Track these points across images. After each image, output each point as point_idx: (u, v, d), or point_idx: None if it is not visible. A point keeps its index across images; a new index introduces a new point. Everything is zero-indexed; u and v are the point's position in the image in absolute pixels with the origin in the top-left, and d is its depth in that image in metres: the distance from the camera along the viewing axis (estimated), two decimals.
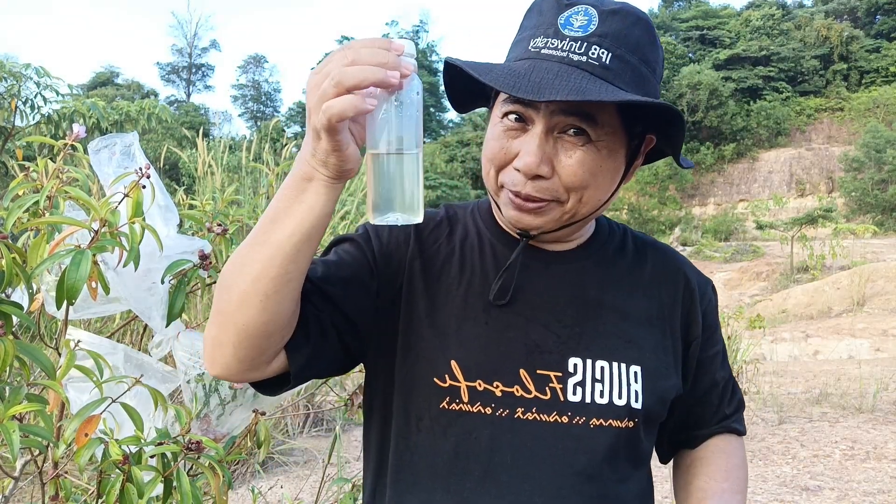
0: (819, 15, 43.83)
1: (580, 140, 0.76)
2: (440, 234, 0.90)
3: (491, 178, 0.81)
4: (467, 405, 0.80)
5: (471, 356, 0.81)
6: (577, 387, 0.81)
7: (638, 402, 0.82)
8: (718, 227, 29.47)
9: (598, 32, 0.74)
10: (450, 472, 0.81)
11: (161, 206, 1.18)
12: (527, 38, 0.78)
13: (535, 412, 0.80)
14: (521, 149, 0.77)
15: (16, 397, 0.94)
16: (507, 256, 0.86)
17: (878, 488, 3.64)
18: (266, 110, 62.39)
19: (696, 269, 0.97)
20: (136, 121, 5.25)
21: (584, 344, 0.83)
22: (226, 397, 1.23)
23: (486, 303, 0.84)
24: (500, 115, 0.79)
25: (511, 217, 0.81)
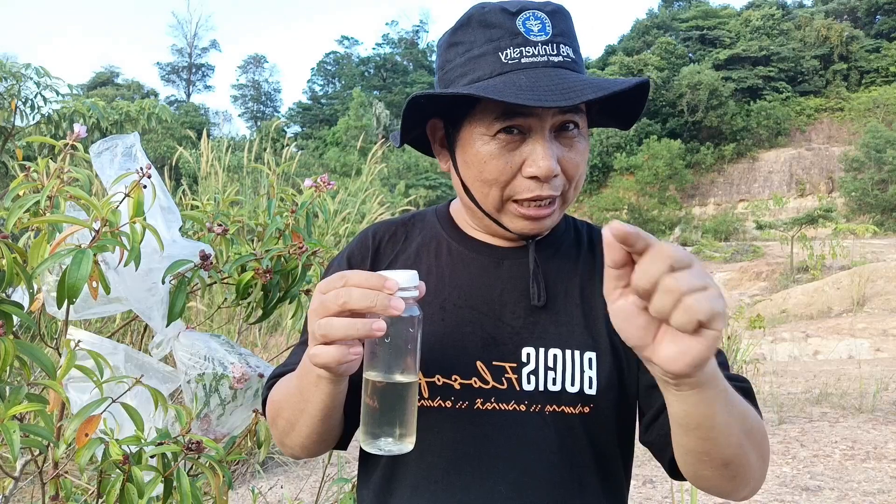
0: (819, 15, 43.81)
1: (574, 134, 0.81)
2: (395, 241, 0.94)
3: (493, 197, 0.82)
4: (428, 400, 0.83)
5: (428, 352, 0.82)
6: (531, 375, 0.83)
7: (592, 388, 0.82)
8: (718, 227, 29.47)
9: (555, 32, 0.79)
10: (417, 468, 0.84)
11: (163, 206, 1.18)
12: (492, 52, 0.79)
13: (494, 402, 0.82)
14: (527, 157, 0.79)
15: (16, 397, 0.94)
16: (466, 258, 0.89)
17: (878, 488, 3.64)
18: (266, 110, 62.42)
19: None
20: (136, 121, 5.24)
21: (537, 333, 0.84)
22: (226, 397, 1.23)
23: (442, 302, 0.87)
24: (489, 135, 0.79)
25: (523, 227, 0.83)
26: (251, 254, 1.30)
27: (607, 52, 48.66)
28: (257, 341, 4.54)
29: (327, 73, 61.14)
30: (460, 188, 0.87)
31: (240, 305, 1.33)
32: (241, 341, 4.12)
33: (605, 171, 36.20)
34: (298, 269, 1.31)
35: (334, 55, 62.08)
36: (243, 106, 62.61)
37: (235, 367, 1.23)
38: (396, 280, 0.65)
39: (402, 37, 63.02)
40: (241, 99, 62.65)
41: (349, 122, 37.31)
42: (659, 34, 45.77)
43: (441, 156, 0.91)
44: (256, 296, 1.31)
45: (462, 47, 0.81)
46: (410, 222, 0.97)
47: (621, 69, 38.00)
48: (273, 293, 1.32)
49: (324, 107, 56.98)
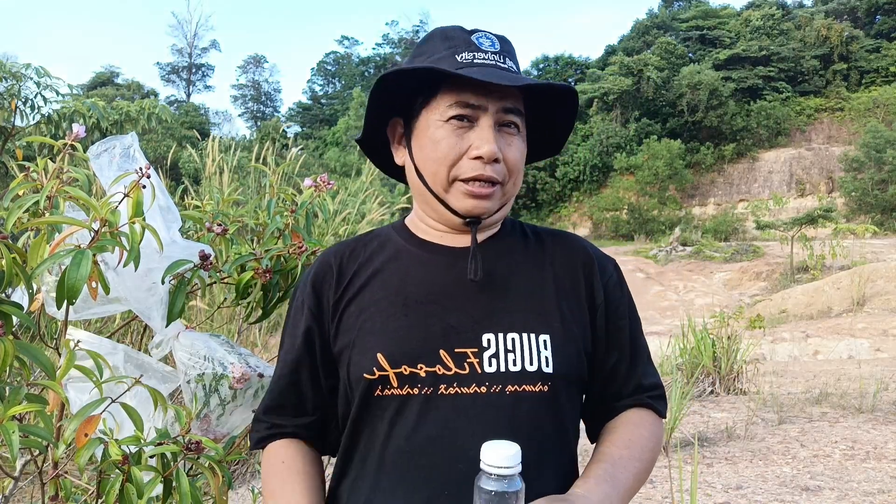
0: (819, 15, 43.77)
1: (514, 131, 0.94)
2: (356, 257, 1.02)
3: (441, 176, 0.94)
4: (397, 389, 0.90)
5: (394, 346, 0.91)
6: (492, 359, 0.90)
7: (549, 366, 0.90)
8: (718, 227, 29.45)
9: (502, 50, 0.95)
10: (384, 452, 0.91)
11: (162, 207, 1.18)
12: (449, 55, 0.93)
13: (456, 386, 0.89)
14: (474, 141, 0.91)
15: (15, 397, 0.94)
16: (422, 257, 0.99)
17: (878, 488, 3.64)
18: (266, 110, 62.38)
19: (598, 249, 1.07)
20: (136, 121, 5.24)
21: (495, 321, 0.93)
22: (226, 397, 1.23)
23: (405, 299, 0.95)
24: (442, 120, 0.92)
25: (467, 206, 0.94)
26: (251, 253, 1.30)
27: (607, 52, 48.62)
28: (257, 341, 4.54)
29: (327, 73, 61.12)
30: (413, 175, 0.98)
31: (239, 305, 1.33)
32: (241, 341, 4.13)
33: (605, 171, 36.17)
34: (298, 269, 1.31)
35: (334, 55, 62.06)
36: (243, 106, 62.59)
37: (235, 367, 1.23)
38: (498, 460, 0.73)
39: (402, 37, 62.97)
40: (241, 99, 62.62)
41: (349, 122, 37.32)
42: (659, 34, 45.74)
43: (398, 152, 1.03)
44: (256, 295, 1.31)
45: (425, 56, 0.96)
46: (367, 238, 1.06)
47: (621, 69, 37.97)
48: (273, 293, 1.32)
49: (324, 107, 56.95)
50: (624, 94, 37.21)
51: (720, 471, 4.04)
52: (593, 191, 36.24)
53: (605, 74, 38.83)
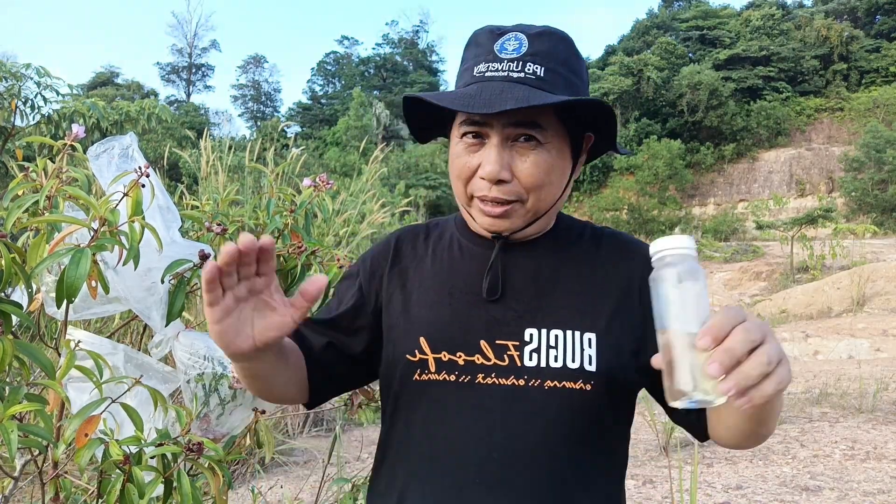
0: (819, 15, 43.75)
1: (531, 145, 0.89)
2: (416, 240, 1.05)
3: (460, 192, 0.95)
4: (434, 374, 0.92)
5: (437, 332, 0.93)
6: (533, 353, 0.90)
7: (592, 364, 0.89)
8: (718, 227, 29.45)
9: (530, 52, 0.88)
10: (422, 439, 0.93)
11: (161, 206, 1.18)
12: (470, 67, 0.91)
13: (494, 377, 0.90)
14: (481, 160, 0.89)
15: (15, 397, 0.94)
16: (472, 250, 1.00)
17: (878, 488, 3.64)
18: (266, 110, 62.38)
19: None
20: (136, 121, 5.23)
21: (539, 316, 0.92)
22: (226, 397, 1.23)
23: (451, 288, 0.97)
24: (458, 136, 0.92)
25: (485, 224, 0.93)
26: None
27: (607, 52, 48.61)
28: None
29: (327, 73, 61.10)
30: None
31: None
32: None
33: (605, 171, 36.17)
34: (298, 269, 1.31)
35: (334, 55, 62.04)
36: (243, 106, 62.57)
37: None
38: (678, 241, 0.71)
39: (402, 37, 62.97)
40: (241, 99, 62.59)
41: (349, 122, 37.29)
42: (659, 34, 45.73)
43: None
44: None
45: (463, 65, 0.94)
46: (432, 225, 1.09)
47: (621, 69, 37.96)
48: None
49: (324, 107, 56.92)
50: (624, 94, 37.21)
51: (720, 471, 4.04)
52: (593, 191, 36.25)
53: (605, 74, 38.80)
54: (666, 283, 0.69)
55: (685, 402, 0.67)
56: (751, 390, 0.63)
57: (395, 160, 30.22)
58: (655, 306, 0.71)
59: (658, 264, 0.71)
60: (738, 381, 0.62)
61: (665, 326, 0.69)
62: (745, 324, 0.65)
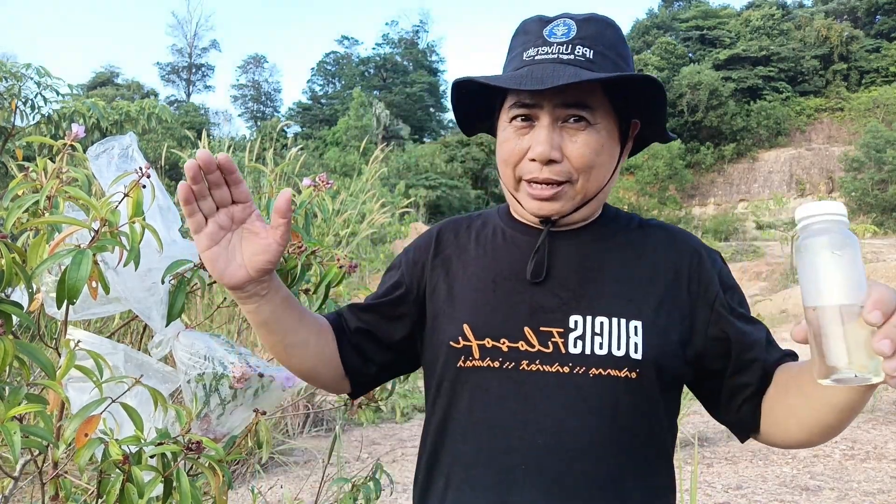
0: (819, 15, 43.75)
1: (581, 125, 0.89)
2: (458, 231, 1.07)
3: (508, 177, 0.94)
4: (478, 360, 0.92)
5: (480, 319, 0.94)
6: (578, 340, 0.89)
7: (637, 352, 0.88)
8: (718, 227, 29.46)
9: (579, 36, 0.89)
10: (466, 425, 0.93)
11: (162, 206, 1.18)
12: (519, 53, 0.92)
13: (539, 364, 0.90)
14: (531, 142, 0.90)
15: (15, 397, 0.94)
16: (516, 238, 1.00)
17: (878, 488, 3.64)
18: (266, 110, 62.38)
19: (703, 243, 1.01)
20: (136, 121, 5.23)
21: (584, 303, 0.92)
22: (226, 397, 1.23)
23: (495, 275, 0.97)
24: (507, 121, 0.93)
25: (533, 207, 0.93)
26: None
27: None
28: (257, 341, 4.54)
29: (327, 73, 61.10)
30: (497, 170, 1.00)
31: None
32: (241, 341, 4.13)
33: None
34: (298, 269, 1.31)
35: (334, 55, 62.05)
36: (243, 106, 62.56)
37: (235, 366, 1.23)
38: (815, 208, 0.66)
39: (402, 37, 62.94)
40: (241, 99, 62.59)
41: (349, 122, 37.28)
42: (659, 34, 45.73)
43: None
44: None
45: (511, 52, 0.96)
46: (475, 216, 1.10)
47: None
48: None
49: (324, 107, 56.93)
50: None
51: (720, 471, 4.04)
52: None
53: None
54: (817, 252, 0.64)
55: (835, 378, 0.63)
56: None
57: (395, 160, 30.22)
58: (803, 277, 0.65)
59: (806, 232, 0.66)
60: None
61: (815, 298, 0.64)
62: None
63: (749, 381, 0.91)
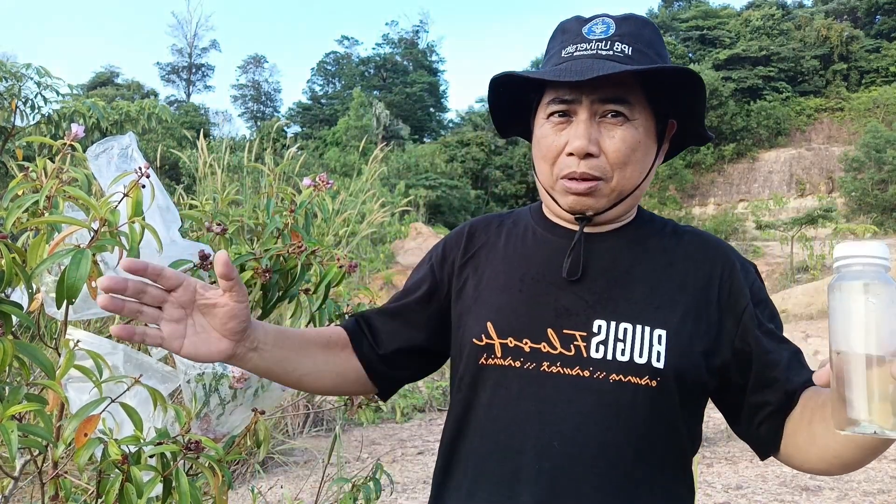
0: (819, 15, 43.74)
1: (619, 121, 0.89)
2: (489, 229, 1.07)
3: (545, 174, 0.95)
4: (500, 359, 0.92)
5: (504, 318, 0.94)
6: (600, 345, 0.89)
7: (660, 361, 0.87)
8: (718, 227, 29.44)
9: (617, 33, 0.90)
10: (484, 421, 0.93)
11: (161, 206, 1.18)
12: (558, 51, 0.93)
13: (560, 366, 0.90)
14: (569, 137, 0.90)
15: (15, 397, 0.94)
16: (546, 238, 1.00)
17: (878, 488, 3.64)
18: (266, 110, 62.33)
19: (738, 254, 1.00)
20: (136, 121, 5.23)
21: (610, 308, 0.91)
22: (226, 397, 1.23)
23: (522, 275, 0.97)
24: (545, 117, 0.93)
25: (570, 203, 0.93)
26: (250, 253, 1.29)
27: None
28: None
29: (327, 73, 61.06)
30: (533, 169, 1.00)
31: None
32: None
33: None
34: (297, 269, 1.31)
35: (334, 55, 62.01)
36: (243, 106, 62.52)
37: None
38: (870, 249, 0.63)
39: (402, 37, 62.91)
40: (241, 99, 62.54)
41: (349, 122, 37.26)
42: None
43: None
44: (256, 295, 1.30)
45: (547, 53, 0.97)
46: (506, 215, 1.10)
47: None
48: (272, 292, 1.32)
49: (324, 107, 56.89)
50: None
51: (720, 471, 4.04)
52: None
53: None
54: (850, 296, 0.62)
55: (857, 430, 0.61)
56: None
57: (395, 160, 30.19)
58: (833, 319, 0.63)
59: (842, 273, 0.64)
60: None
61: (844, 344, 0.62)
62: None
63: (769, 400, 0.89)
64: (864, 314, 0.61)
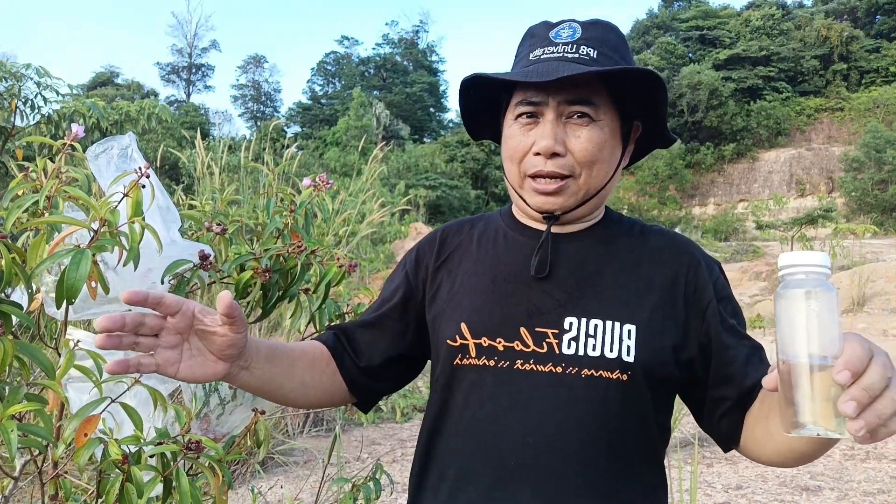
0: (819, 15, 43.75)
1: (585, 122, 0.92)
2: (461, 233, 1.09)
3: (513, 173, 0.97)
4: (474, 359, 0.94)
5: (478, 318, 0.96)
6: (572, 342, 0.92)
7: (630, 355, 0.90)
8: (718, 227, 29.45)
9: (583, 37, 0.94)
10: (461, 421, 0.95)
11: (161, 206, 1.18)
12: (526, 54, 0.96)
13: (533, 363, 0.92)
14: (536, 137, 0.93)
15: (15, 397, 0.94)
16: (516, 240, 1.02)
17: (878, 488, 3.65)
18: (266, 110, 62.36)
19: (704, 252, 1.03)
20: (136, 121, 5.22)
21: (580, 305, 0.94)
22: (226, 397, 1.23)
23: (494, 277, 1.00)
24: (513, 118, 0.96)
25: (538, 202, 0.96)
26: (250, 253, 1.30)
27: None
28: None
29: (327, 73, 61.07)
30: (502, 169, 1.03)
31: (239, 305, 1.33)
32: None
33: None
34: (297, 269, 1.31)
35: (334, 55, 62.01)
36: (243, 106, 62.53)
37: None
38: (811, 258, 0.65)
39: (402, 37, 62.92)
40: (241, 99, 62.55)
41: (349, 122, 37.26)
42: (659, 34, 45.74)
43: None
44: (255, 295, 1.30)
45: (518, 56, 1.00)
46: (477, 218, 1.13)
47: None
48: (272, 292, 1.32)
49: (324, 107, 56.89)
50: None
51: (720, 471, 4.04)
52: None
53: None
54: (793, 304, 0.64)
55: (802, 432, 0.63)
56: (879, 429, 0.60)
57: (395, 160, 30.20)
58: (778, 327, 0.65)
59: (786, 281, 0.66)
60: (869, 420, 0.60)
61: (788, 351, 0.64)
62: (879, 357, 0.62)
63: (728, 395, 0.92)
64: (805, 320, 0.63)
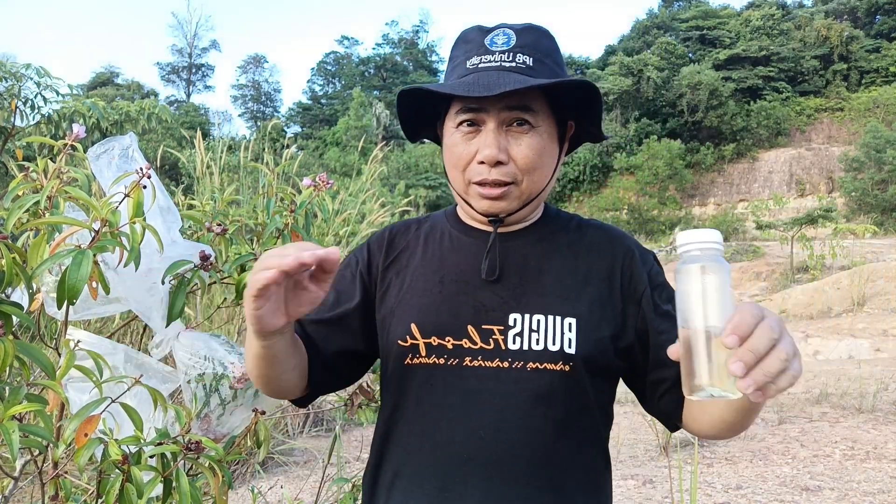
0: (819, 15, 43.73)
1: (525, 129, 0.95)
2: (408, 234, 1.11)
3: (458, 180, 1.00)
4: (425, 358, 0.97)
5: (427, 318, 0.99)
6: (517, 337, 0.96)
7: (571, 347, 0.94)
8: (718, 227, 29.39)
9: (518, 44, 0.96)
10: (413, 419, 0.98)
11: (162, 207, 1.18)
12: (462, 62, 0.98)
13: (481, 360, 0.96)
14: (479, 146, 0.95)
15: (15, 397, 0.94)
16: (462, 241, 1.05)
17: (878, 488, 3.65)
18: (266, 110, 62.35)
19: (639, 243, 1.09)
20: (136, 121, 5.23)
21: (523, 302, 0.98)
22: (226, 397, 1.23)
23: (441, 277, 1.02)
24: (454, 126, 0.98)
25: (483, 207, 0.99)
26: (250, 253, 1.30)
27: (607, 52, 48.62)
28: None
29: (327, 73, 61.06)
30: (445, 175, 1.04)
31: (239, 305, 1.33)
32: (241, 341, 4.12)
33: (605, 172, 36.16)
34: None
35: (334, 55, 62.00)
36: (243, 106, 62.53)
37: (235, 366, 1.23)
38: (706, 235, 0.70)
39: (402, 37, 62.90)
40: (241, 99, 62.55)
41: (349, 122, 37.26)
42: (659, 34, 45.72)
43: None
44: None
45: (453, 61, 1.01)
46: (423, 219, 1.15)
47: (621, 69, 37.93)
48: None
49: (324, 107, 56.88)
50: (624, 95, 37.19)
51: (720, 471, 4.04)
52: (593, 191, 36.24)
53: (604, 74, 38.76)
54: (688, 278, 0.70)
55: (701, 395, 0.69)
56: (768, 385, 0.65)
57: (395, 160, 30.21)
58: (678, 300, 0.71)
59: (683, 258, 0.72)
60: (757, 378, 0.65)
61: (686, 321, 0.70)
62: (767, 321, 0.67)
63: (665, 377, 0.98)
64: (701, 292, 0.69)
